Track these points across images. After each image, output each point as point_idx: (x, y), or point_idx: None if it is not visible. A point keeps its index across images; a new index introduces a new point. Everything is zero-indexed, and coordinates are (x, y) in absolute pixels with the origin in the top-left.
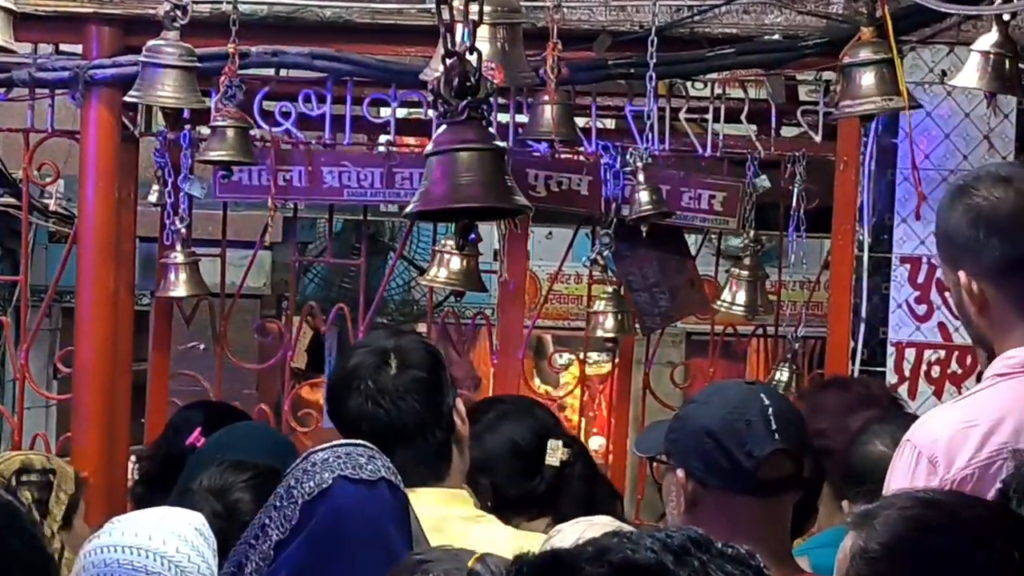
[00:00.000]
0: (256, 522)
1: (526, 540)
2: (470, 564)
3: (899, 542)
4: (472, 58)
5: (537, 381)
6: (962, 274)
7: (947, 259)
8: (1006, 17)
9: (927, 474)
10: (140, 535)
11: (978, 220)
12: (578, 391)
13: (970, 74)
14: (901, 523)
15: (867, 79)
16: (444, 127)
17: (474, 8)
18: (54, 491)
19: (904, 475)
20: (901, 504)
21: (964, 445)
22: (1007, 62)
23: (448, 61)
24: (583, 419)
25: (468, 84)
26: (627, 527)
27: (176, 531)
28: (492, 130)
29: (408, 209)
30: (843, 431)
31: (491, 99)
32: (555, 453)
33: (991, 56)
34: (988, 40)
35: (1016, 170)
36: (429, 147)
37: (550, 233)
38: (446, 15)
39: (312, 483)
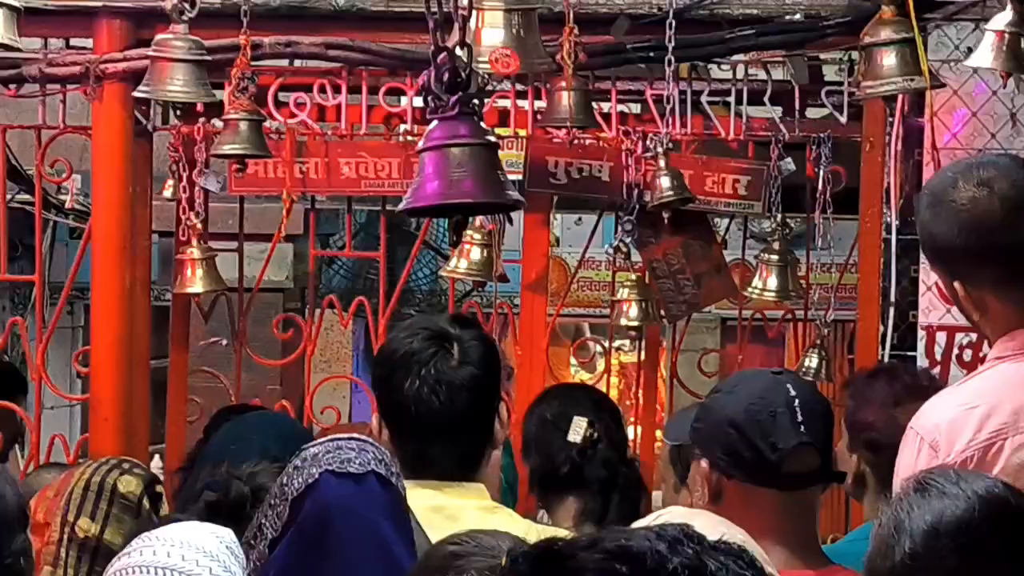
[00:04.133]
0: (254, 522)
1: (538, 533)
2: (503, 563)
3: None
4: (462, 53)
5: (575, 368)
6: (958, 285)
7: (940, 270)
8: None
9: (929, 459)
10: (172, 555)
11: (966, 229)
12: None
13: (985, 54)
14: None
15: (888, 58)
16: (435, 122)
17: (464, 2)
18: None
19: (910, 463)
20: None
21: (964, 428)
22: (1023, 41)
23: (438, 56)
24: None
25: (459, 79)
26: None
27: (205, 549)
28: (484, 124)
29: (401, 206)
30: (891, 423)
31: (483, 93)
32: (578, 431)
33: (1006, 35)
34: (1003, 19)
35: (991, 171)
36: (421, 143)
37: (579, 219)
38: (435, 8)
39: (301, 479)
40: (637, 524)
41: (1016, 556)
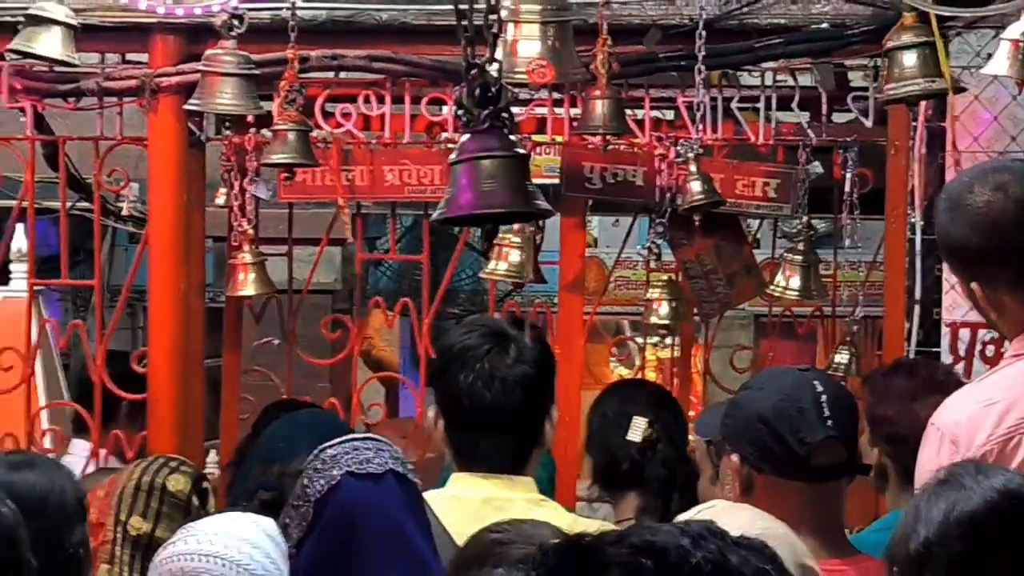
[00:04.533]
0: (279, 522)
1: (584, 525)
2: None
3: None
4: (493, 69)
5: (614, 363)
6: (975, 286)
7: (958, 272)
8: None
9: (949, 454)
10: (215, 543)
11: (980, 232)
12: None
13: (1000, 62)
14: None
15: (910, 62)
16: (467, 135)
17: (493, 17)
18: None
19: (931, 458)
20: None
21: (983, 423)
22: None
23: (470, 72)
24: None
25: (489, 94)
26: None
27: (248, 538)
28: (513, 137)
29: (435, 216)
30: (910, 417)
31: (517, 102)
32: (637, 430)
33: (1021, 44)
34: (1018, 28)
35: (1006, 173)
36: (453, 155)
37: (616, 221)
38: (466, 26)
39: (323, 481)
40: (681, 517)
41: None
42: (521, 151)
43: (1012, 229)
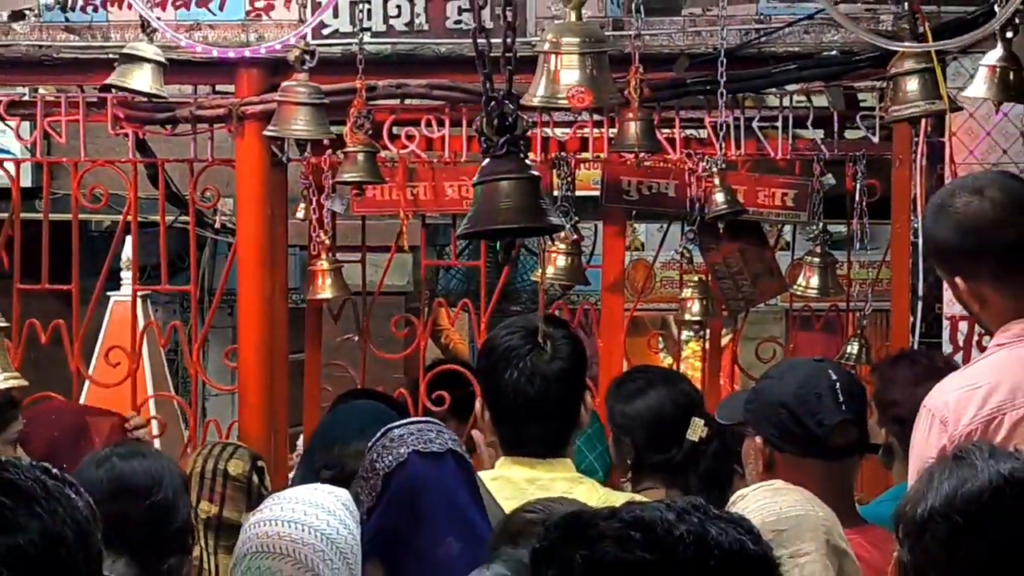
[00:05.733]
0: (351, 492)
1: (613, 500)
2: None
3: None
4: (510, 102)
5: (663, 354)
6: (959, 280)
7: (943, 269)
8: (1009, 35)
9: (939, 433)
10: (296, 511)
11: (962, 231)
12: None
13: (979, 85)
14: None
15: (911, 87)
16: (488, 160)
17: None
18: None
19: (923, 436)
20: None
21: (968, 405)
22: (1011, 73)
23: (489, 104)
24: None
25: (506, 123)
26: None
27: (326, 506)
28: (528, 160)
29: (460, 231)
30: (914, 401)
31: (527, 134)
32: (695, 430)
33: (997, 69)
34: (994, 56)
35: (985, 180)
36: (476, 177)
37: (660, 226)
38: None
39: (391, 457)
40: (738, 492)
41: (1017, 532)
42: (535, 173)
43: (989, 228)
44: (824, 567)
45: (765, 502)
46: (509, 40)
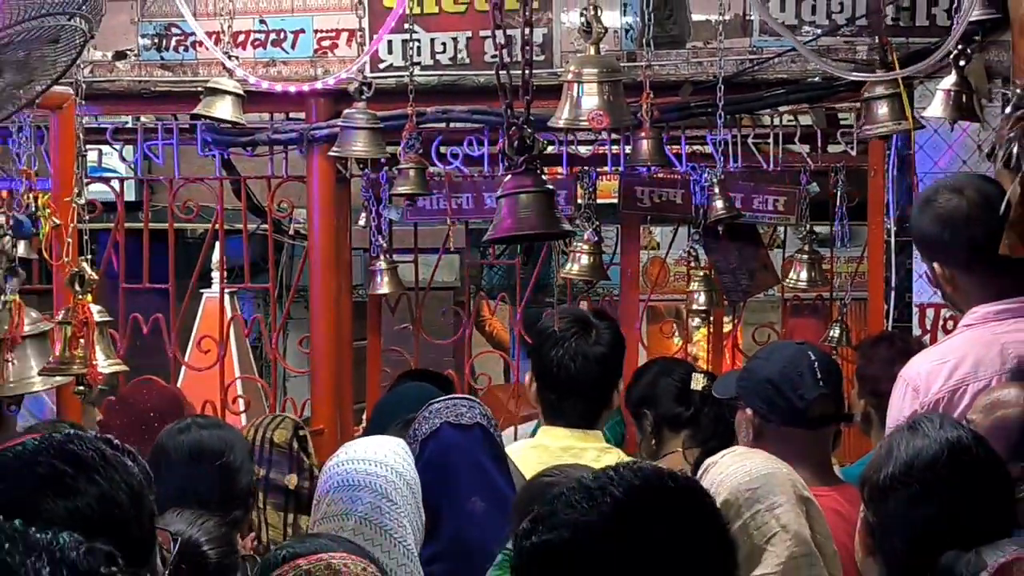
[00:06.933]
0: None
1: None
2: None
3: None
4: (528, 127)
5: (677, 339)
6: (936, 265)
7: (923, 254)
8: (961, 63)
9: (912, 399)
10: (368, 451)
11: (941, 223)
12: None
13: (936, 107)
14: None
15: (881, 109)
16: (509, 176)
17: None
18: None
19: (898, 401)
20: None
21: (938, 376)
22: (963, 96)
23: (510, 128)
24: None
25: (525, 144)
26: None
27: (393, 449)
28: (544, 176)
29: (485, 237)
30: (890, 377)
31: (542, 154)
32: (697, 381)
33: (951, 92)
34: (949, 81)
35: (965, 181)
36: (499, 191)
37: (676, 228)
38: (507, 95)
39: (427, 427)
40: (710, 459)
41: (967, 491)
42: (550, 187)
43: (964, 223)
44: (796, 514)
45: (735, 467)
46: (527, 74)
